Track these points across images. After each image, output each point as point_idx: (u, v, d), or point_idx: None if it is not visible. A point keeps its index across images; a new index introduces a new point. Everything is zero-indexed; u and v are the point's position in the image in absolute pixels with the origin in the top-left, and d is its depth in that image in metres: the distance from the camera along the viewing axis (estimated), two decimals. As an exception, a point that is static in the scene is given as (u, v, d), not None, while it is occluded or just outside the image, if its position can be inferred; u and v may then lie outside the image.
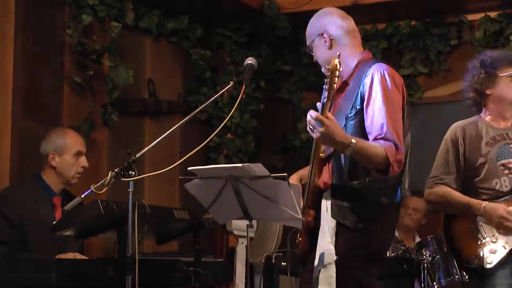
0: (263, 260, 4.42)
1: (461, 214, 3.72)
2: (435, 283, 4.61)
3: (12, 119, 4.42)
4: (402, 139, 3.02)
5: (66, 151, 4.03)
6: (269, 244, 4.71)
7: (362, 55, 3.20)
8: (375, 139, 2.97)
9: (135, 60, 5.47)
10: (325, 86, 2.86)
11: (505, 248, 3.56)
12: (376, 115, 3.00)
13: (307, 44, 3.28)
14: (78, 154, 4.06)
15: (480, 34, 5.72)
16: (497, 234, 3.60)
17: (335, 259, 3.00)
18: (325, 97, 2.85)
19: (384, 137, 2.96)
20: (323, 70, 3.23)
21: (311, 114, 2.82)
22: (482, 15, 5.75)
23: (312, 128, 2.83)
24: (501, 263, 3.56)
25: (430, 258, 4.63)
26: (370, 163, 2.95)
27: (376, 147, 2.93)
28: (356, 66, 3.15)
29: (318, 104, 2.89)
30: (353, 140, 2.86)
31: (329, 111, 2.90)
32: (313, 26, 3.26)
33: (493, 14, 5.73)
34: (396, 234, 5.05)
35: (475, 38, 5.75)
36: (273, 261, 4.34)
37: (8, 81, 4.42)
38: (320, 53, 3.22)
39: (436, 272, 4.61)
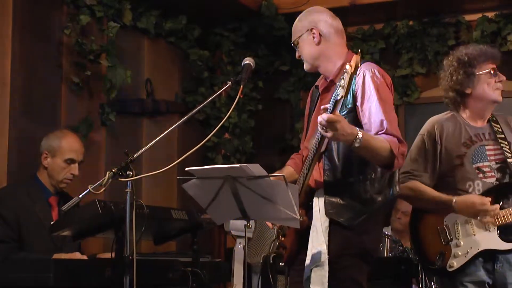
0: (261, 260, 4.42)
1: (431, 210, 3.65)
2: (432, 283, 4.61)
3: (10, 119, 4.41)
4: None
5: (58, 154, 3.97)
6: (267, 244, 4.71)
7: (347, 55, 3.22)
8: (376, 135, 2.98)
9: (133, 60, 5.47)
10: (339, 83, 2.85)
11: (468, 253, 3.52)
12: (374, 112, 3.02)
13: (293, 39, 3.29)
14: (70, 161, 3.99)
15: (477, 35, 5.73)
16: (462, 238, 3.55)
17: (329, 258, 3.01)
18: (338, 94, 2.85)
19: (386, 132, 2.98)
20: (305, 66, 3.27)
21: (323, 117, 2.83)
22: (479, 15, 5.76)
23: (324, 128, 2.84)
24: (468, 264, 3.53)
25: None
26: (376, 156, 2.96)
27: (380, 139, 2.95)
28: (342, 65, 3.16)
29: (322, 107, 2.90)
30: (360, 132, 2.88)
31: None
32: (303, 21, 3.28)
33: (490, 15, 5.74)
34: (391, 233, 5.05)
35: (473, 38, 5.75)
36: (271, 261, 4.34)
37: (6, 81, 4.41)
38: (307, 48, 3.24)
39: (434, 272, 4.61)
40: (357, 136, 2.87)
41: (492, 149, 3.63)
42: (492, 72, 3.62)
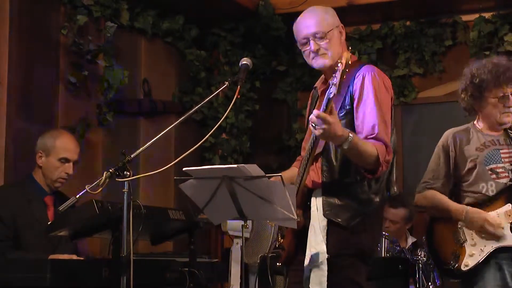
0: (258, 261, 4.42)
1: (446, 217, 3.72)
2: (430, 283, 4.62)
3: (7, 119, 4.41)
4: (390, 140, 3.06)
5: (52, 154, 3.97)
6: (264, 245, 4.71)
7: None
8: (366, 138, 2.99)
9: (130, 60, 5.47)
10: (332, 81, 2.84)
11: (483, 251, 3.56)
12: (367, 116, 3.03)
13: (323, 29, 3.17)
14: (64, 160, 3.99)
15: (474, 35, 5.73)
16: (476, 238, 3.59)
17: (327, 258, 3.01)
18: (331, 93, 2.84)
19: (375, 137, 2.99)
20: (325, 62, 3.17)
21: (314, 113, 2.82)
22: (476, 15, 5.77)
23: (314, 125, 2.84)
24: (483, 265, 3.55)
25: (425, 258, 4.63)
26: (362, 161, 2.97)
27: (369, 145, 2.95)
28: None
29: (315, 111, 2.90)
30: (351, 135, 2.89)
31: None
32: (331, 16, 3.24)
33: (487, 15, 5.74)
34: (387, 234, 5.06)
35: (470, 38, 5.76)
36: (268, 261, 4.34)
37: (3, 81, 4.41)
38: (335, 44, 3.19)
39: (431, 272, 4.62)
40: (348, 139, 2.87)
41: (507, 152, 3.67)
42: (502, 97, 3.64)
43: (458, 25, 5.88)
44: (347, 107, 3.08)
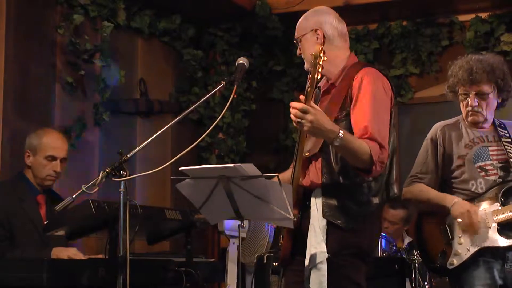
0: (255, 260, 4.42)
1: (435, 211, 3.70)
2: (426, 283, 4.63)
3: (3, 119, 4.41)
4: (387, 140, 3.04)
5: (39, 152, 3.94)
6: (261, 244, 4.71)
7: (349, 59, 3.22)
8: (360, 138, 2.98)
9: (127, 60, 5.47)
10: (309, 75, 2.85)
11: (469, 251, 3.55)
12: (363, 116, 3.02)
13: (296, 36, 3.26)
14: (51, 158, 3.95)
15: (471, 35, 5.75)
16: (463, 237, 3.58)
17: (327, 257, 3.01)
18: (308, 86, 2.84)
19: (369, 137, 2.97)
20: (306, 66, 3.20)
21: (295, 106, 2.81)
22: (473, 16, 5.78)
23: (299, 120, 2.83)
24: (472, 264, 3.55)
25: (421, 258, 4.64)
26: (355, 159, 2.95)
27: (362, 143, 2.94)
28: (344, 69, 3.17)
29: (301, 97, 2.89)
30: (341, 131, 2.87)
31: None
32: (309, 20, 3.25)
33: (484, 15, 5.76)
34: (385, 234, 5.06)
35: (466, 38, 5.78)
36: (265, 261, 4.34)
37: (-1, 81, 4.41)
38: (309, 48, 3.18)
39: (427, 272, 4.63)
40: (338, 135, 2.86)
41: (495, 149, 3.68)
42: (464, 95, 3.69)
43: (454, 25, 5.90)
44: (348, 109, 3.07)
